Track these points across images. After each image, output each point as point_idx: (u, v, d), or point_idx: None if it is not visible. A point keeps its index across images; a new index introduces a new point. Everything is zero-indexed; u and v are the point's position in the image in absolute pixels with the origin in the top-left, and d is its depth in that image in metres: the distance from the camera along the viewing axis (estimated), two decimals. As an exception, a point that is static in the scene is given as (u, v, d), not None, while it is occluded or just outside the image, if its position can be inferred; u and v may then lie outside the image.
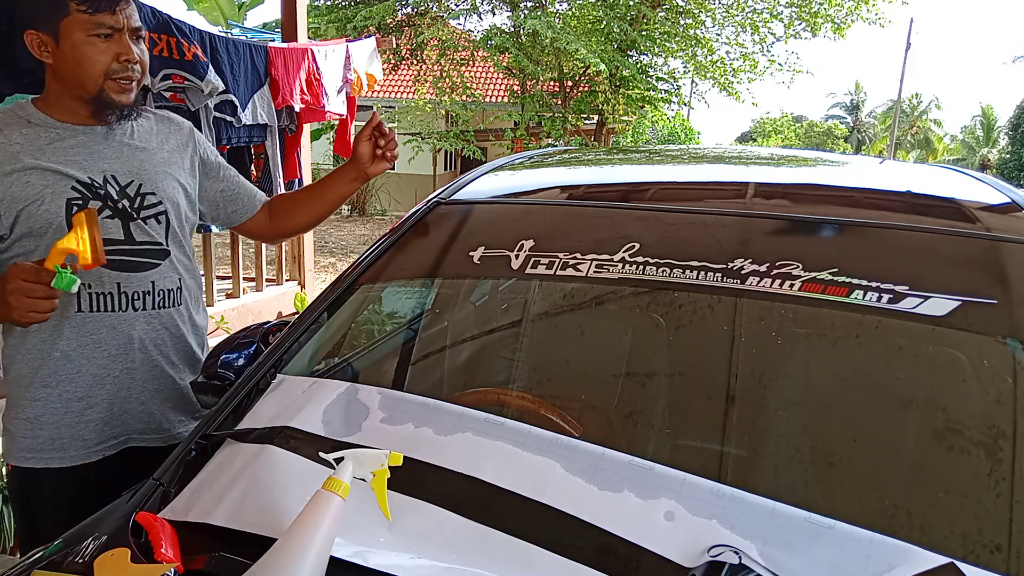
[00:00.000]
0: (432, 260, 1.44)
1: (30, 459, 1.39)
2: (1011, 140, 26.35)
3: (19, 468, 1.40)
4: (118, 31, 1.31)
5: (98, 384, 1.40)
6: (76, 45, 1.29)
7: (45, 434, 1.38)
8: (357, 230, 12.59)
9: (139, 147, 1.43)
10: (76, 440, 1.39)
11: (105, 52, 1.30)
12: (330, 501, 0.80)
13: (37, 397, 1.37)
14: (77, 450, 1.39)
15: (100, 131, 1.39)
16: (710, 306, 1.15)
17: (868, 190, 1.49)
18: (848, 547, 0.78)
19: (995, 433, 0.95)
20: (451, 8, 12.93)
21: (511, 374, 1.29)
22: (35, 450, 1.39)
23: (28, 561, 0.93)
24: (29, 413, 1.38)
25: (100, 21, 1.28)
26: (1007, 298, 1.03)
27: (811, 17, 11.87)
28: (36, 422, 1.38)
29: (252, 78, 3.87)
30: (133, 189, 1.40)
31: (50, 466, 1.39)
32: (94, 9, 1.27)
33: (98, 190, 1.35)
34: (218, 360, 1.36)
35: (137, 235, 1.40)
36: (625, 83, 12.41)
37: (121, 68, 1.32)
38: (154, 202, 1.42)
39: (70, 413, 1.38)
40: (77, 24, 1.28)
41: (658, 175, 1.73)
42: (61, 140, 1.34)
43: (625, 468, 0.89)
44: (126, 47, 1.32)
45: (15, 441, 1.40)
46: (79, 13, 1.27)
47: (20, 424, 1.38)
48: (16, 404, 1.39)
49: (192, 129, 1.57)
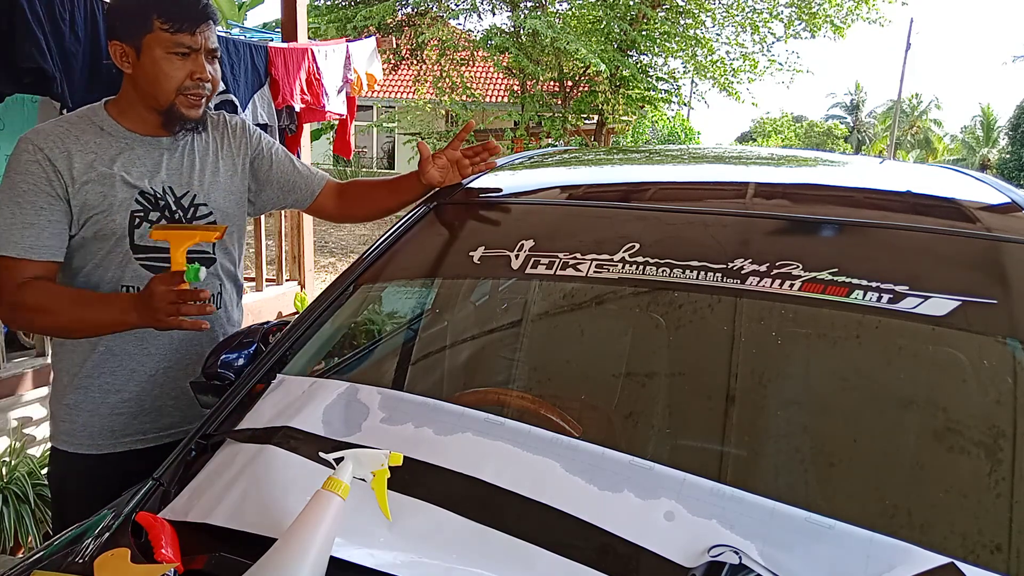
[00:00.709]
0: (432, 260, 1.44)
1: (65, 443, 1.48)
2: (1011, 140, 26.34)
3: (56, 450, 1.49)
4: (195, 51, 1.39)
5: (134, 379, 1.48)
6: (155, 60, 1.37)
7: (81, 420, 1.46)
8: (357, 230, 12.59)
9: (198, 157, 1.51)
10: (106, 430, 1.47)
11: (181, 69, 1.39)
12: (330, 501, 0.80)
13: (79, 385, 1.46)
14: (106, 439, 1.47)
15: (165, 142, 1.47)
16: (710, 306, 1.15)
17: (868, 190, 1.49)
18: (848, 547, 0.78)
19: (995, 433, 0.95)
20: (451, 8, 12.94)
21: (511, 374, 1.29)
22: (71, 434, 1.47)
23: (28, 561, 0.93)
24: (70, 399, 1.46)
25: (180, 40, 1.36)
26: (1007, 298, 1.03)
27: (811, 17, 11.87)
28: (75, 408, 1.46)
29: (252, 78, 3.87)
30: (188, 199, 1.48)
31: (79, 452, 1.47)
32: (176, 29, 1.36)
33: (159, 201, 1.44)
34: (218, 360, 1.36)
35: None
36: (625, 83, 12.41)
37: (193, 85, 1.40)
38: (205, 212, 1.50)
39: (106, 404, 1.46)
40: (158, 41, 1.36)
41: (658, 175, 1.73)
42: (131, 150, 1.43)
43: (625, 468, 0.89)
44: (201, 66, 1.40)
45: (56, 425, 1.49)
46: (161, 31, 1.35)
47: (62, 409, 1.47)
48: (61, 390, 1.48)
49: (244, 127, 1.61)
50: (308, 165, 1.69)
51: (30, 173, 1.34)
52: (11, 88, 2.52)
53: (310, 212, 1.73)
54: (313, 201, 1.68)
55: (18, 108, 2.86)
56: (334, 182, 1.72)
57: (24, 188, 1.33)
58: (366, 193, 1.73)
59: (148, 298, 1.23)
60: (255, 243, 5.00)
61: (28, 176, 1.34)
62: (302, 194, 1.67)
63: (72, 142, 1.37)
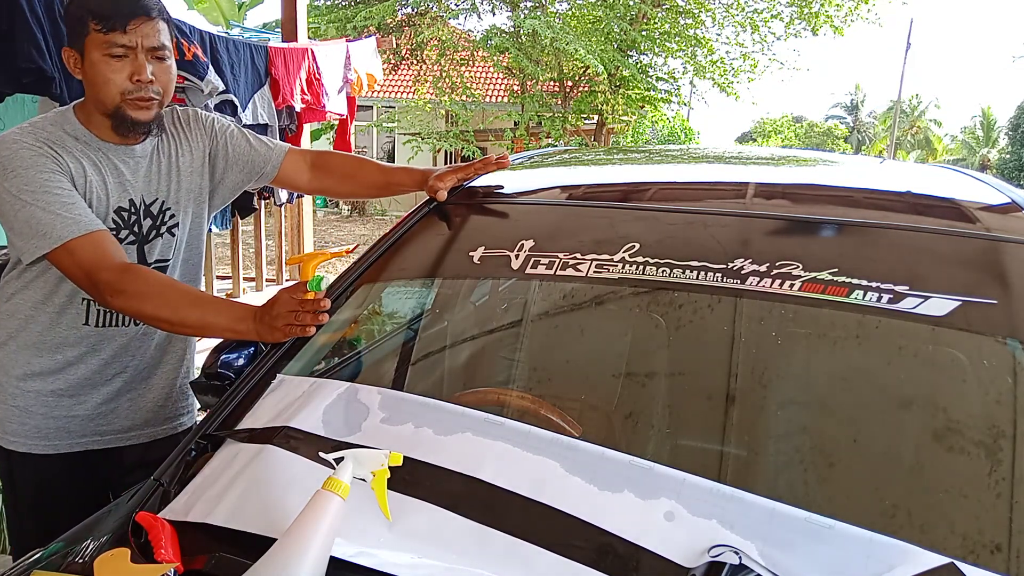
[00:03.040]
0: (432, 260, 1.44)
1: (15, 443, 1.43)
2: (1011, 140, 26.35)
3: (4, 449, 1.45)
4: (132, 49, 1.30)
5: (91, 386, 1.45)
6: (94, 63, 1.30)
7: (32, 423, 1.42)
8: (357, 230, 12.60)
9: (163, 161, 1.45)
10: (62, 431, 1.44)
11: (119, 71, 1.30)
12: (330, 501, 0.80)
13: (30, 389, 1.41)
14: (62, 439, 1.44)
15: (136, 150, 1.41)
16: (710, 306, 1.15)
17: (868, 190, 1.49)
18: (848, 547, 0.78)
19: (995, 433, 0.95)
20: (451, 8, 12.94)
21: (511, 374, 1.29)
22: (22, 435, 1.43)
23: (28, 561, 0.93)
24: (20, 402, 1.42)
25: (112, 40, 1.28)
26: (1007, 298, 1.02)
27: (811, 17, 11.88)
28: (26, 411, 1.42)
29: (252, 78, 3.87)
30: (156, 207, 1.44)
31: (33, 451, 1.43)
32: (107, 28, 1.28)
33: (130, 217, 1.40)
34: (218, 360, 1.36)
35: (149, 256, 1.45)
36: (625, 83, 12.41)
37: (135, 88, 1.32)
38: (170, 217, 1.46)
39: (60, 407, 1.43)
40: (94, 43, 1.29)
41: (658, 175, 1.73)
42: (106, 159, 1.37)
43: (625, 468, 0.89)
44: (140, 67, 1.31)
45: (3, 425, 1.44)
46: (95, 32, 1.28)
47: (10, 411, 1.43)
48: (6, 392, 1.43)
49: (197, 117, 1.53)
50: (266, 139, 1.61)
51: (42, 163, 1.28)
52: (11, 88, 2.52)
53: (278, 184, 1.63)
54: (277, 173, 1.59)
55: (18, 108, 2.86)
56: (300, 151, 1.63)
57: (44, 178, 1.27)
58: (353, 169, 1.66)
59: (271, 306, 1.19)
60: (255, 243, 5.00)
61: (42, 167, 1.27)
62: (263, 168, 1.58)
63: (59, 146, 1.32)
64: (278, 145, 1.62)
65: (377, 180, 1.63)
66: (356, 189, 1.67)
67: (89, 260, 1.25)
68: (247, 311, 1.23)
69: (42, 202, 1.25)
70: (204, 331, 1.31)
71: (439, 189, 1.48)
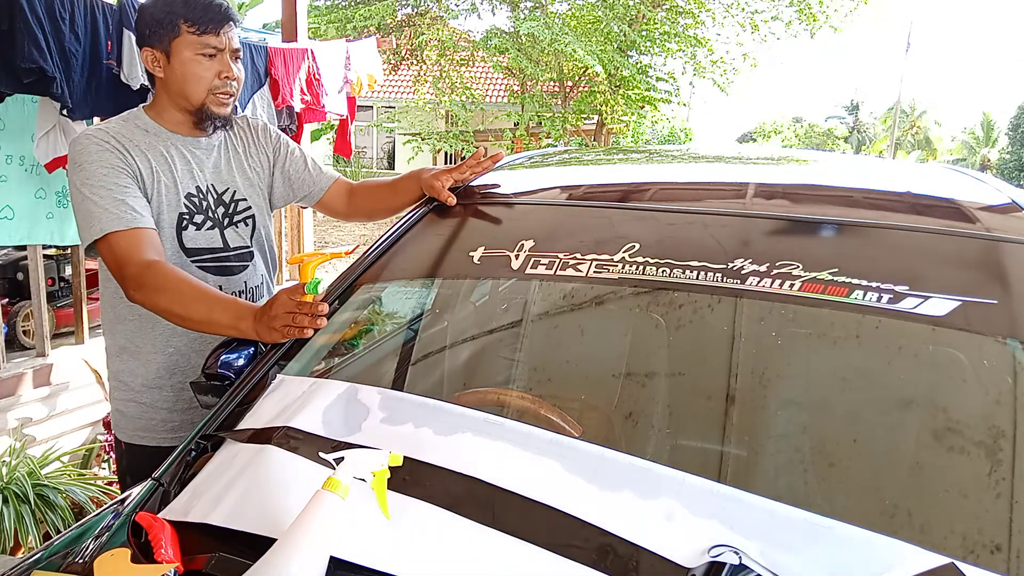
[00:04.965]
0: (432, 260, 1.44)
1: (145, 438, 1.56)
2: (1011, 140, 26.37)
3: (132, 445, 1.57)
4: (221, 51, 1.47)
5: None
6: (185, 63, 1.45)
7: (159, 417, 1.55)
8: (357, 230, 12.59)
9: (231, 155, 1.60)
10: (187, 424, 1.55)
11: (209, 69, 1.47)
12: (330, 501, 0.80)
13: (154, 385, 1.54)
14: (186, 431, 1.51)
15: (203, 142, 1.55)
16: (710, 306, 1.15)
17: (868, 190, 1.49)
18: (848, 547, 0.78)
19: (995, 433, 0.95)
20: (451, 8, 12.94)
21: (511, 374, 1.29)
22: (149, 430, 1.55)
23: (28, 561, 0.93)
24: (146, 398, 1.55)
25: (206, 42, 1.44)
26: (1007, 298, 1.02)
27: (811, 18, 11.89)
28: (152, 407, 1.55)
29: (252, 78, 3.87)
30: (228, 196, 1.58)
31: (163, 445, 1.54)
32: (202, 31, 1.43)
33: (202, 202, 1.53)
34: (218, 360, 1.36)
35: (232, 241, 1.57)
36: (625, 83, 12.41)
37: (222, 84, 1.48)
38: (245, 207, 1.60)
39: (181, 400, 1.55)
40: (186, 43, 1.44)
41: (658, 175, 1.73)
42: (175, 149, 1.51)
43: (625, 468, 0.89)
44: (227, 65, 1.48)
45: (131, 421, 1.56)
46: (188, 34, 1.43)
47: (135, 407, 1.55)
48: (131, 389, 1.55)
49: (266, 129, 1.70)
50: (319, 164, 1.76)
51: (105, 159, 1.39)
52: (11, 88, 2.52)
53: (319, 208, 1.78)
54: (322, 197, 1.74)
55: (18, 108, 2.86)
56: (346, 182, 1.77)
57: (104, 172, 1.38)
58: (371, 194, 1.78)
59: (270, 306, 1.23)
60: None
61: (104, 162, 1.38)
62: (311, 190, 1.73)
63: (127, 140, 1.44)
64: (328, 172, 1.77)
65: (393, 202, 1.72)
66: (377, 208, 1.78)
67: (122, 254, 1.35)
68: (249, 310, 1.28)
69: (97, 195, 1.36)
70: (209, 327, 1.36)
71: (434, 184, 1.53)
